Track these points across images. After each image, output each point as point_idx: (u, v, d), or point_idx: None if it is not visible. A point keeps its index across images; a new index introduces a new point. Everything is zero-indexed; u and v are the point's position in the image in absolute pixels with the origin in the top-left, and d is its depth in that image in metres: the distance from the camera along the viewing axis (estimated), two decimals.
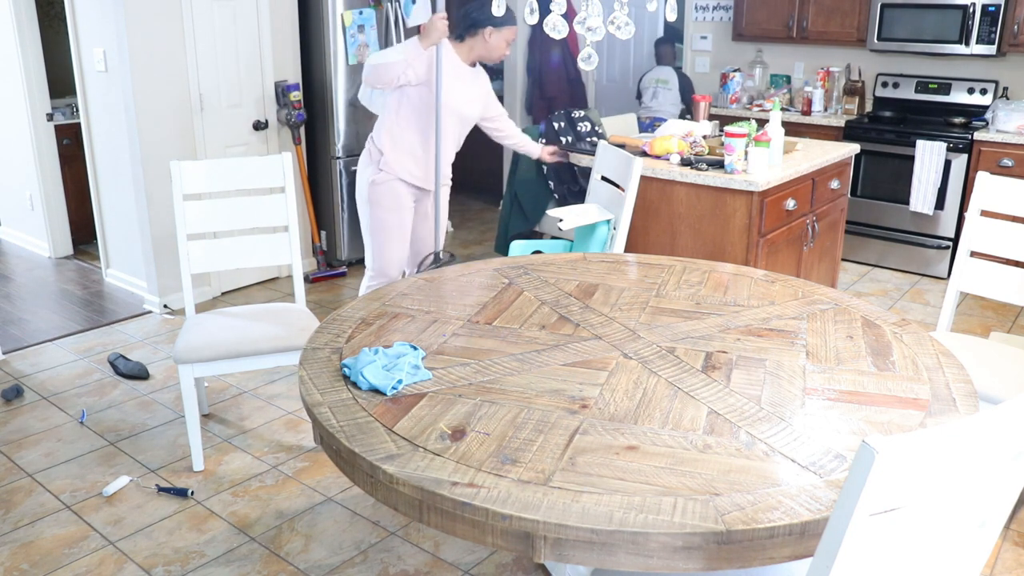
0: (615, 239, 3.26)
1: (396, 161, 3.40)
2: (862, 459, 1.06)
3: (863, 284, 5.12)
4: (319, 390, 1.77)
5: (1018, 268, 2.83)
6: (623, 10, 2.43)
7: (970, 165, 4.95)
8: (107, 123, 4.58)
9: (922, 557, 1.29)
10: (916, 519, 1.20)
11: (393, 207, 3.46)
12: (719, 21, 6.33)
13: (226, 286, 4.89)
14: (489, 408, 1.70)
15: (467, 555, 2.58)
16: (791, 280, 2.52)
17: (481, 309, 2.25)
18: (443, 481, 1.44)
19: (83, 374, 3.85)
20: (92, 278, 5.15)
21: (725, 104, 5.95)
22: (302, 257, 5.21)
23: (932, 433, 1.11)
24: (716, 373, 1.88)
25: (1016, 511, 2.78)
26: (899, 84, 5.56)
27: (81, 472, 3.04)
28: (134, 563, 2.55)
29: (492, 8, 2.50)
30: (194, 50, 4.48)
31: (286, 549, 2.62)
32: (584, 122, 4.25)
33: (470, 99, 3.47)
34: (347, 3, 4.92)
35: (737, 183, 3.45)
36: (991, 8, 4.90)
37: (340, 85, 5.00)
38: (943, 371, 1.90)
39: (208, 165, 3.16)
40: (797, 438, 1.60)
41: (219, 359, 2.91)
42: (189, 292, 3.15)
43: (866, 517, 1.11)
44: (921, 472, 1.13)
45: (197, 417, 2.99)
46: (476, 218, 6.71)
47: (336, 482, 2.96)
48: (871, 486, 1.07)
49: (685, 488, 1.43)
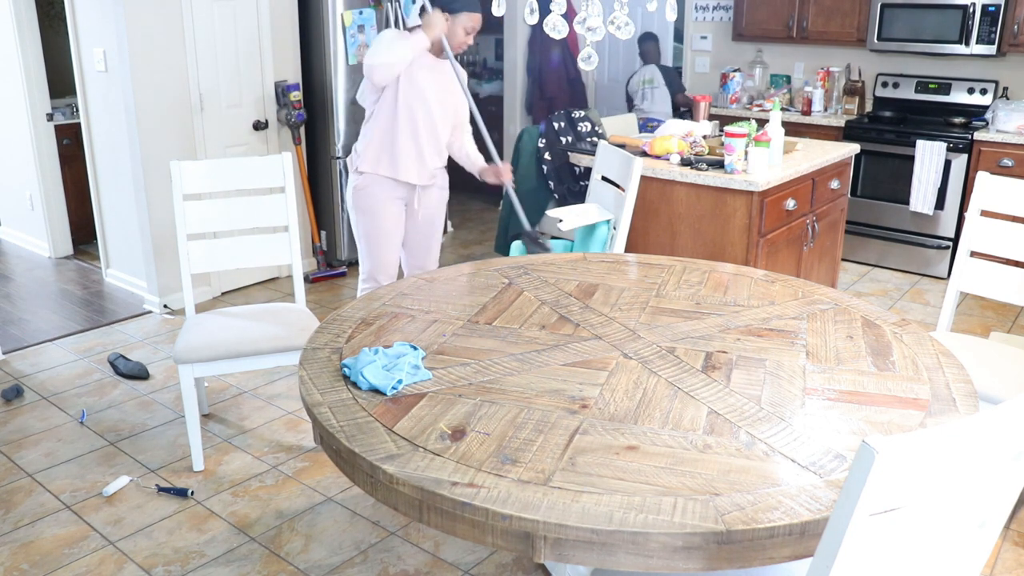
0: (615, 239, 3.26)
1: (372, 156, 3.30)
2: (862, 459, 1.06)
3: (863, 284, 5.12)
4: (319, 390, 1.77)
5: (1018, 268, 2.83)
6: (623, 10, 2.44)
7: (970, 165, 4.95)
8: (107, 123, 4.58)
9: (922, 557, 1.29)
10: (916, 519, 1.20)
11: (377, 211, 3.36)
12: (719, 21, 6.33)
13: (226, 286, 4.89)
14: (489, 408, 1.70)
15: (467, 555, 2.58)
16: (791, 280, 2.52)
17: (481, 309, 2.25)
18: (443, 481, 1.44)
19: (83, 374, 3.85)
20: (92, 278, 5.15)
21: (725, 104, 5.96)
22: (302, 257, 5.23)
23: (932, 433, 1.11)
24: (716, 373, 1.88)
25: (1016, 511, 2.78)
26: (899, 84, 5.56)
27: (81, 472, 3.04)
28: (134, 563, 2.55)
29: (492, 7, 2.49)
30: (194, 50, 4.48)
31: (286, 549, 2.62)
32: (584, 122, 4.25)
33: (439, 89, 3.29)
34: (347, 3, 4.92)
35: (737, 183, 3.45)
36: (991, 8, 4.90)
37: (340, 85, 5.00)
38: (943, 371, 1.90)
39: (208, 165, 3.16)
40: (797, 438, 1.60)
41: (219, 359, 2.91)
42: (189, 292, 3.15)
43: (866, 517, 1.11)
44: (921, 472, 1.13)
45: (197, 417, 2.99)
46: (476, 218, 6.71)
47: (336, 482, 2.96)
48: (871, 486, 1.07)
49: (685, 488, 1.43)
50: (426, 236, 3.56)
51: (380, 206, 3.37)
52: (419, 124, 3.29)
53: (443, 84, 3.33)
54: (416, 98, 3.25)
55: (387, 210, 3.38)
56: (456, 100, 3.41)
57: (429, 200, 3.50)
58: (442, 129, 3.39)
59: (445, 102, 3.35)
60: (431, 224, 3.55)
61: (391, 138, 3.29)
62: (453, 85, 3.38)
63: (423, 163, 3.37)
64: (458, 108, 3.43)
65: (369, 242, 3.43)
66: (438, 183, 3.51)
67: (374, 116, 3.30)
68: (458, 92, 3.40)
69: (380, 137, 3.29)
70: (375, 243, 3.42)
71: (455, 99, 3.40)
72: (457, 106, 3.42)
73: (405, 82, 3.22)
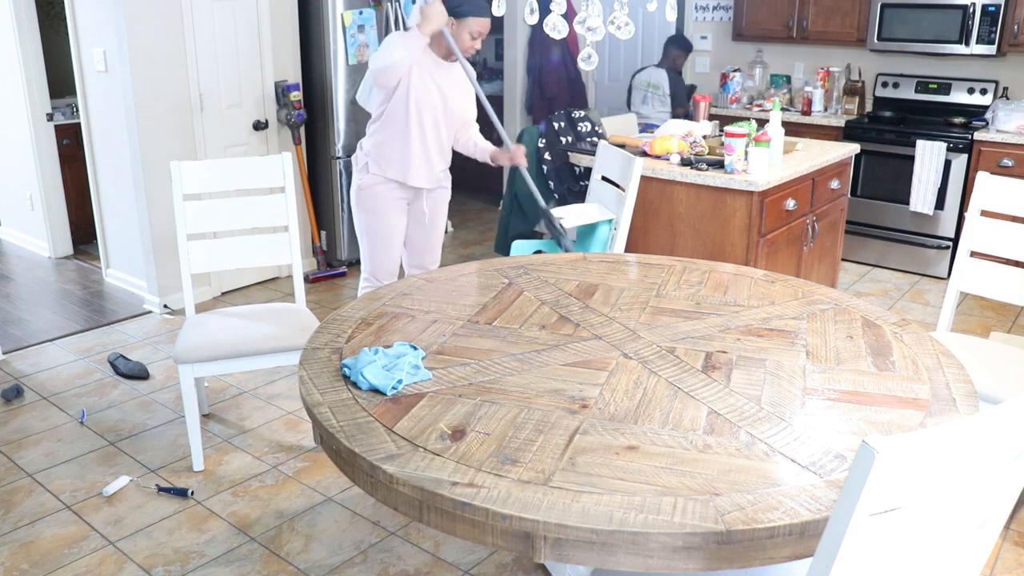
0: (615, 239, 3.26)
1: (380, 160, 3.31)
2: (862, 459, 1.06)
3: (863, 284, 5.12)
4: (319, 390, 1.77)
5: (1018, 268, 2.83)
6: (623, 10, 2.44)
7: (970, 165, 4.95)
8: (107, 123, 4.58)
9: (922, 557, 1.29)
10: (916, 519, 1.20)
11: (381, 211, 3.37)
12: (719, 21, 6.33)
13: (226, 286, 4.89)
14: (489, 408, 1.70)
15: (467, 555, 2.58)
16: (791, 280, 2.52)
17: (481, 309, 2.25)
18: (443, 481, 1.44)
19: (83, 374, 3.85)
20: (92, 278, 5.15)
21: (725, 104, 5.95)
22: (302, 257, 5.24)
23: (932, 433, 1.11)
24: (716, 373, 1.88)
25: (1016, 511, 2.78)
26: (899, 84, 5.57)
27: (81, 472, 3.04)
28: (134, 563, 2.55)
29: (493, 7, 2.49)
30: (194, 50, 4.48)
31: (286, 549, 2.62)
32: (584, 122, 4.25)
33: (450, 93, 3.28)
34: (347, 3, 4.92)
35: (737, 183, 3.45)
36: (991, 8, 4.90)
37: (340, 85, 5.00)
38: (943, 371, 1.90)
39: (208, 165, 3.16)
40: (797, 438, 1.60)
41: (219, 359, 2.91)
42: (189, 292, 3.15)
43: (866, 517, 1.11)
44: (921, 472, 1.13)
45: (197, 417, 2.99)
46: (476, 218, 6.71)
47: (336, 482, 2.96)
48: (871, 486, 1.07)
49: (685, 488, 1.43)
50: (429, 236, 3.58)
51: (384, 206, 3.38)
52: (427, 130, 3.29)
53: (452, 87, 3.32)
54: (426, 104, 3.24)
55: (391, 211, 3.39)
56: (466, 102, 3.40)
57: (434, 201, 3.52)
58: (448, 133, 3.39)
59: (453, 107, 3.33)
60: (435, 224, 3.57)
61: (402, 143, 3.28)
62: (462, 87, 3.36)
63: (431, 168, 3.38)
64: (466, 109, 3.42)
65: (371, 241, 3.43)
66: (443, 184, 3.53)
67: (383, 119, 3.29)
68: (468, 93, 3.40)
69: (391, 141, 3.29)
70: (377, 243, 3.42)
71: (464, 101, 3.39)
72: (465, 107, 3.41)
73: (416, 87, 3.20)
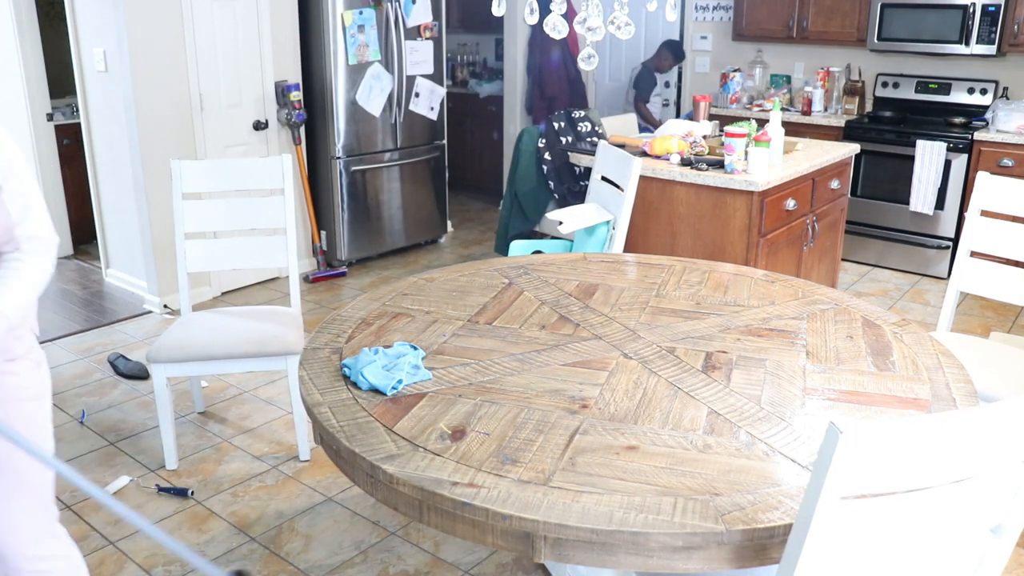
0: (614, 239, 3.26)
1: None
2: (828, 439, 1.11)
3: (863, 284, 5.12)
4: (319, 390, 1.77)
5: (1018, 268, 2.83)
6: (623, 10, 2.44)
7: (970, 165, 4.95)
8: (107, 123, 4.58)
9: (922, 556, 1.29)
10: (901, 510, 1.21)
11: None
12: (719, 21, 6.33)
13: (226, 286, 4.89)
14: (489, 408, 1.70)
15: (467, 555, 2.58)
16: (791, 280, 2.52)
17: (481, 309, 2.24)
18: (443, 481, 1.44)
19: (83, 374, 3.84)
20: (92, 278, 5.15)
21: (725, 104, 5.95)
22: (302, 257, 5.24)
23: (902, 423, 1.14)
24: (716, 373, 1.88)
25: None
26: (899, 84, 5.56)
27: (81, 472, 3.03)
28: (134, 563, 2.55)
29: (492, 7, 2.49)
30: (194, 50, 4.48)
31: (286, 549, 2.62)
32: (584, 122, 4.25)
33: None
34: (347, 3, 4.92)
35: (737, 183, 3.45)
36: (991, 8, 4.90)
37: (340, 85, 5.00)
38: (943, 371, 1.90)
39: (208, 165, 3.15)
40: (797, 438, 1.60)
41: (191, 361, 2.88)
42: (185, 291, 3.14)
43: (837, 500, 1.14)
44: (896, 461, 1.15)
45: (171, 417, 2.97)
46: (476, 218, 6.71)
47: (336, 482, 2.96)
48: (837, 466, 1.11)
49: (685, 488, 1.43)
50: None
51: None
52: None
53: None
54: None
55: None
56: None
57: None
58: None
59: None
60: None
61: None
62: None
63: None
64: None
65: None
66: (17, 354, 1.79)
67: None
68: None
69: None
70: None
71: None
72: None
73: None
